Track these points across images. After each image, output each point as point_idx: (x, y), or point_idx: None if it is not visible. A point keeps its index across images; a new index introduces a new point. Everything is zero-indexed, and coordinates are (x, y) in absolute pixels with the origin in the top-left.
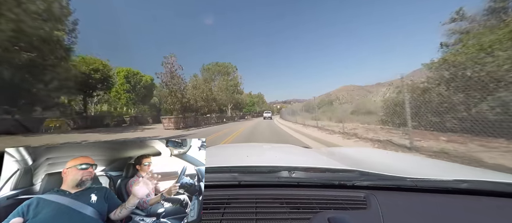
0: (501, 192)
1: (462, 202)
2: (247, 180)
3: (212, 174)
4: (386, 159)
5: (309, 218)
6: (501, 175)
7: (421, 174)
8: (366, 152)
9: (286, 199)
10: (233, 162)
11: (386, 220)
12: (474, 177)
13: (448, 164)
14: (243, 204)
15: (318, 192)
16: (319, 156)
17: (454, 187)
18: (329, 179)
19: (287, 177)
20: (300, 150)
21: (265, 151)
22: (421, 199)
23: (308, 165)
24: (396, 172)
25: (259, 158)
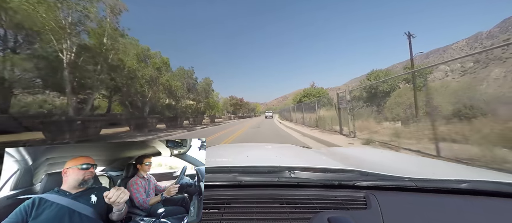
0: (501, 192)
1: (462, 202)
2: (247, 180)
3: (212, 174)
4: (386, 159)
5: (309, 218)
6: (501, 175)
7: (421, 174)
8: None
9: (286, 199)
10: (233, 162)
11: (386, 220)
12: (474, 177)
13: (448, 164)
14: (243, 204)
15: (318, 192)
16: (319, 156)
17: (454, 187)
18: (329, 179)
19: (287, 177)
20: (300, 150)
21: (265, 151)
22: (421, 199)
23: (308, 165)
24: (396, 172)
25: (259, 158)
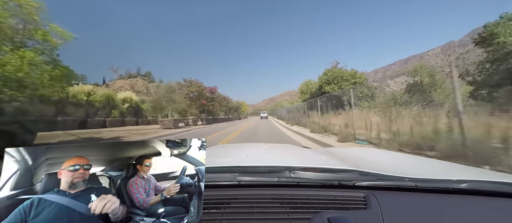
0: (501, 192)
1: (462, 202)
2: (247, 180)
3: (212, 174)
4: (386, 159)
5: (309, 218)
6: (501, 175)
7: (421, 174)
8: (366, 152)
9: (286, 199)
10: (233, 162)
11: (386, 220)
12: (474, 177)
13: (448, 164)
14: (243, 204)
15: (318, 192)
16: (319, 156)
17: (454, 187)
18: (329, 179)
19: (287, 177)
20: (300, 150)
21: (265, 151)
22: (421, 199)
23: (308, 165)
24: (396, 172)
25: (259, 158)
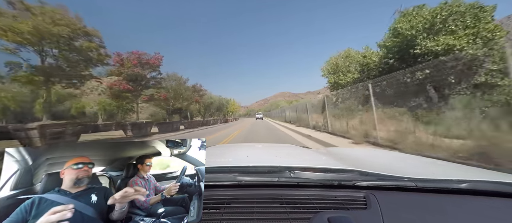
0: (501, 192)
1: (462, 202)
2: (247, 180)
3: (212, 174)
4: (386, 159)
5: (309, 218)
6: (501, 175)
7: (421, 174)
8: (366, 152)
9: (286, 199)
10: (233, 162)
11: (386, 220)
12: (474, 177)
13: (448, 164)
14: (243, 204)
15: (318, 192)
16: (318, 156)
17: (454, 187)
18: (329, 179)
19: (287, 177)
20: (299, 150)
21: (264, 151)
22: (421, 199)
23: (308, 165)
24: (396, 172)
25: (258, 158)
